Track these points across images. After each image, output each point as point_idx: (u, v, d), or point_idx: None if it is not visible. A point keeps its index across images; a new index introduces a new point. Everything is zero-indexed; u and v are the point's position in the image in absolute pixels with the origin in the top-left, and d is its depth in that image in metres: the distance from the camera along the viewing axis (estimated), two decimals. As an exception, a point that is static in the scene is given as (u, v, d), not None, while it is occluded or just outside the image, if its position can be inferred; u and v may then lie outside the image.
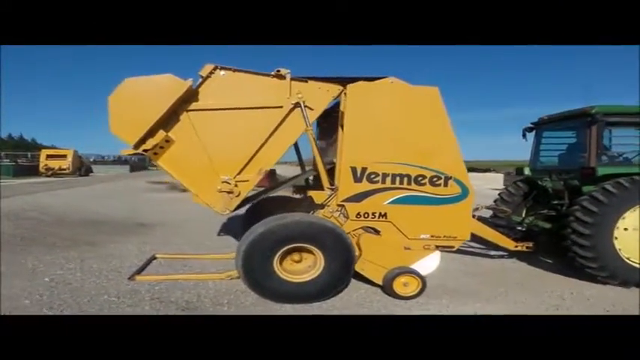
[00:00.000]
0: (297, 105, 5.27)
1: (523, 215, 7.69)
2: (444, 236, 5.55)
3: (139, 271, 5.91)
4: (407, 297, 5.11)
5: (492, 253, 7.63)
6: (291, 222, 4.88)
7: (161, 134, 5.02)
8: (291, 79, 5.26)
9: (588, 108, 6.48)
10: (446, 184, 5.47)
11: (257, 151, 5.25)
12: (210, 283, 5.49)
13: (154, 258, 6.71)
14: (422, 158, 5.42)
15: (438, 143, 5.47)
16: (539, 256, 7.27)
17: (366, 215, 5.43)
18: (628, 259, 5.86)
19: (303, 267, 5.05)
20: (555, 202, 6.95)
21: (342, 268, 4.93)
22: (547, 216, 6.99)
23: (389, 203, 5.42)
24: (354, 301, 5.01)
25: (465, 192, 5.50)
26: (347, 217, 5.43)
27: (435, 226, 5.51)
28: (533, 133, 7.87)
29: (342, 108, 5.62)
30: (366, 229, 5.47)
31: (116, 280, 5.57)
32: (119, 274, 5.87)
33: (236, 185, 5.23)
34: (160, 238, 8.62)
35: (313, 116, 5.41)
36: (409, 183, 5.42)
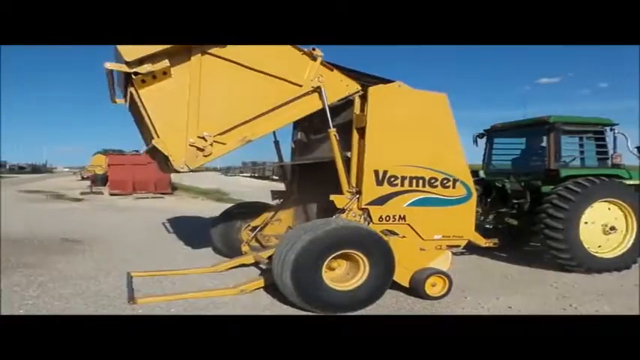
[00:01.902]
0: (316, 89, 5.19)
1: (482, 214, 8.35)
2: (453, 236, 5.79)
3: (131, 293, 5.11)
4: (436, 297, 5.22)
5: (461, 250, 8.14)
6: (337, 228, 4.68)
7: (163, 64, 4.46)
8: (321, 62, 5.16)
9: (546, 117, 7.32)
10: (454, 186, 5.71)
11: (252, 119, 4.95)
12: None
13: (130, 277, 5.85)
14: (434, 161, 5.60)
15: (447, 146, 5.72)
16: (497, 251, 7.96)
17: (387, 218, 5.42)
18: (589, 249, 6.74)
19: (339, 274, 4.88)
20: (515, 201, 7.68)
21: (385, 272, 4.86)
22: (511, 214, 7.70)
23: (407, 205, 5.48)
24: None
25: (469, 193, 5.81)
26: (370, 221, 5.37)
27: (446, 226, 5.71)
28: (484, 139, 8.63)
29: (356, 110, 5.58)
30: (385, 232, 5.47)
31: (113, 305, 4.75)
32: (106, 297, 5.02)
33: (211, 144, 4.79)
34: (109, 254, 7.54)
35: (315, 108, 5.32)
36: (424, 185, 5.56)
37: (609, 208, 6.94)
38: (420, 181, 5.53)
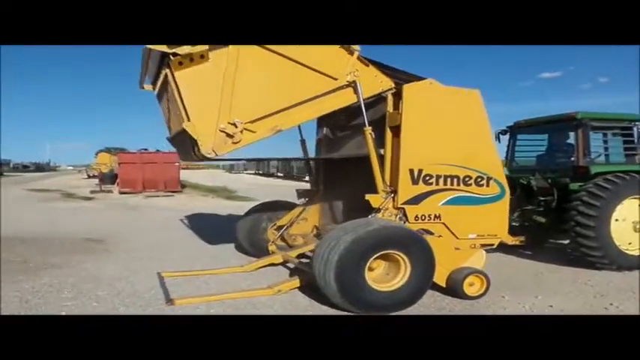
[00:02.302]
0: (351, 84, 5.18)
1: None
2: (487, 235, 5.74)
3: (167, 294, 5.08)
4: (474, 297, 5.17)
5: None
6: (379, 228, 4.63)
7: (202, 47, 4.46)
8: (357, 57, 5.14)
9: (573, 113, 7.24)
10: (488, 184, 5.66)
11: (285, 109, 4.93)
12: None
13: (162, 277, 5.82)
14: (468, 159, 5.55)
15: (481, 144, 5.67)
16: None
17: (423, 217, 5.38)
18: (620, 246, 6.68)
19: (379, 274, 4.83)
20: (542, 198, 7.61)
21: (426, 272, 4.81)
22: (537, 211, 7.63)
23: (442, 204, 5.44)
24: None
25: (502, 191, 5.75)
26: (406, 220, 5.32)
27: (480, 225, 5.67)
28: (507, 135, 8.56)
29: (389, 108, 5.53)
30: (420, 231, 5.42)
31: (151, 307, 4.72)
32: (142, 298, 4.99)
33: (242, 131, 4.75)
34: (134, 253, 7.51)
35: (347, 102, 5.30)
36: (458, 184, 5.51)
37: (637, 205, 6.87)
38: (455, 180, 5.49)
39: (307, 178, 39.39)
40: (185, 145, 5.15)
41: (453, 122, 5.50)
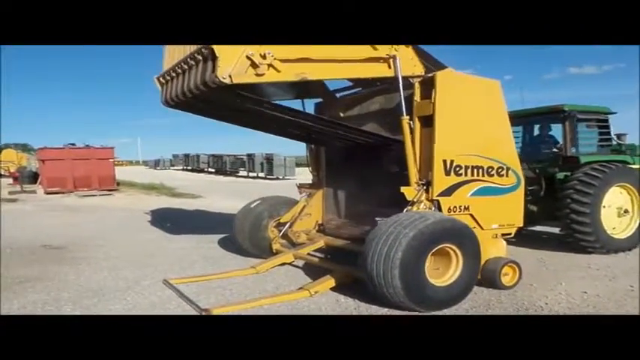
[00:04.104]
0: (390, 57, 5.03)
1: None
2: (507, 224, 5.79)
3: (193, 303, 4.53)
4: (510, 287, 5.19)
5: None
6: (436, 222, 4.45)
7: None
8: None
9: (561, 105, 7.57)
10: (507, 175, 5.70)
11: (319, 60, 4.62)
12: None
13: (171, 285, 5.22)
14: (491, 150, 5.54)
15: (501, 134, 5.70)
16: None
17: (454, 209, 5.28)
18: (607, 231, 7.10)
19: (429, 270, 4.65)
20: (530, 188, 7.89)
21: (476, 264, 4.73)
22: (527, 200, 7.89)
23: (470, 196, 5.38)
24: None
25: (519, 181, 5.83)
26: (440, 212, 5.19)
27: (501, 215, 5.70)
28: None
29: (417, 97, 5.36)
30: None
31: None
32: (166, 310, 4.40)
33: (268, 66, 4.29)
34: (116, 260, 6.69)
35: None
36: (483, 175, 5.49)
37: (621, 192, 7.36)
38: (480, 170, 5.46)
39: (243, 173, 38.03)
40: (190, 73, 4.58)
41: (479, 112, 5.46)
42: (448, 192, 5.22)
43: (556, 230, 7.74)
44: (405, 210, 5.05)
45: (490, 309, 4.53)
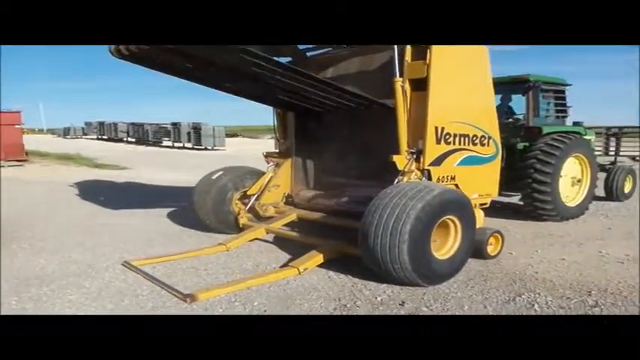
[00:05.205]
0: None
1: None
2: (485, 194, 5.74)
3: (173, 288, 3.94)
4: (494, 256, 5.13)
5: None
6: (442, 192, 4.17)
7: None
8: None
9: (525, 76, 7.62)
10: (488, 144, 5.60)
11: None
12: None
13: (135, 267, 4.54)
14: (477, 118, 5.40)
15: (485, 102, 5.56)
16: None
17: (443, 179, 5.09)
18: (562, 199, 7.37)
19: None
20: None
21: (472, 235, 4.58)
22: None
23: (456, 165, 5.22)
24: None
25: (497, 150, 5.76)
26: (431, 183, 4.96)
27: (481, 184, 5.62)
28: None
29: (407, 58, 5.01)
30: None
31: (165, 307, 3.59)
32: (140, 296, 3.77)
33: None
34: (57, 242, 5.76)
35: None
36: (468, 143, 5.33)
37: (575, 162, 7.65)
38: (466, 139, 5.29)
39: (167, 143, 36.08)
40: None
41: (469, 77, 5.26)
42: (438, 161, 5.00)
43: (507, 199, 7.94)
44: (396, 181, 4.77)
45: (488, 280, 4.42)
